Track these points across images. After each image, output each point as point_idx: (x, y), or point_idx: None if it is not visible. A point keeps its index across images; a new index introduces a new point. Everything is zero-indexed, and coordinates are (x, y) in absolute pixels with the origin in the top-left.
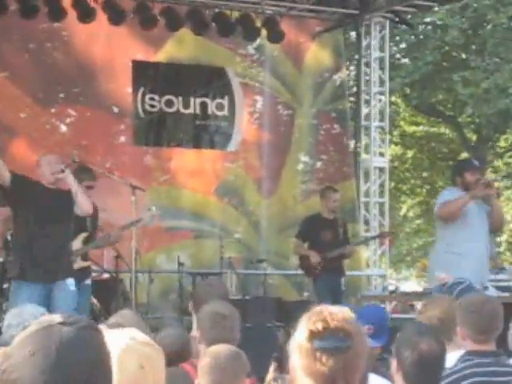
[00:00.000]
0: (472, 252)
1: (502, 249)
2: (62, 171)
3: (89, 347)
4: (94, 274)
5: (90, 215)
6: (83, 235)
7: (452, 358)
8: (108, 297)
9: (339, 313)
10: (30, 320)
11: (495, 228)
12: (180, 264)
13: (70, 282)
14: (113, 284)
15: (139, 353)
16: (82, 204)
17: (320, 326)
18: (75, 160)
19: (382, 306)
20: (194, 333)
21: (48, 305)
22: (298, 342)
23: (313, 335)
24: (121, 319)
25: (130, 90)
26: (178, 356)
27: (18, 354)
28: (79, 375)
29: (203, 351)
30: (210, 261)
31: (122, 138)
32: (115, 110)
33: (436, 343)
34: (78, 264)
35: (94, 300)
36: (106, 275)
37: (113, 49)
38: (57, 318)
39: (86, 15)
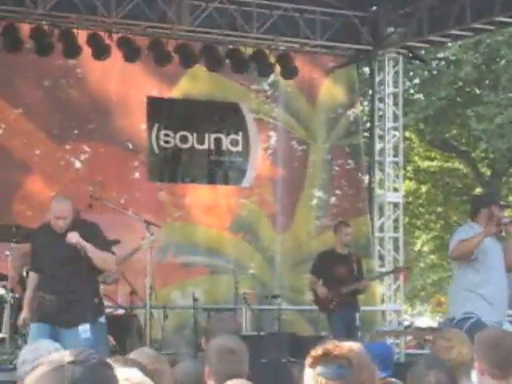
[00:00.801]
0: (494, 295)
1: None
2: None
3: None
4: (108, 310)
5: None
6: None
7: None
8: (123, 333)
9: (346, 344)
10: (45, 355)
11: (510, 267)
12: (194, 300)
13: (83, 329)
14: (127, 320)
15: None
16: (103, 264)
17: (321, 352)
18: (92, 196)
19: (396, 341)
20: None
21: None
22: (306, 369)
23: (315, 362)
24: (138, 356)
25: (144, 126)
26: None
27: None
28: None
29: None
30: (225, 296)
31: (137, 174)
32: (130, 146)
33: (445, 375)
34: None
35: (109, 336)
36: (120, 311)
37: (127, 85)
38: (67, 356)
39: (100, 52)
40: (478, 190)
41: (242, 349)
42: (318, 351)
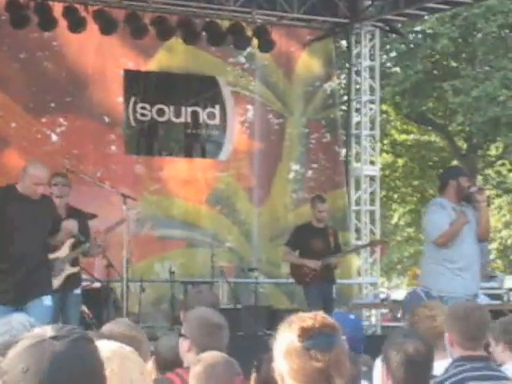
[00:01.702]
0: (466, 267)
1: (492, 257)
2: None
3: (82, 359)
4: (85, 283)
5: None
6: (71, 241)
7: (439, 366)
8: (99, 306)
9: (318, 315)
10: (19, 327)
11: (481, 237)
12: (171, 273)
13: (46, 298)
14: (104, 293)
15: (112, 358)
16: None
17: (308, 325)
18: (68, 169)
19: (372, 313)
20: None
21: None
22: (287, 346)
23: (303, 336)
24: (115, 326)
25: (121, 99)
26: (172, 364)
27: (12, 371)
28: None
29: (193, 359)
30: (202, 270)
31: (113, 148)
32: (106, 119)
33: (422, 344)
34: (67, 270)
35: (85, 309)
36: (97, 284)
37: (104, 58)
38: (49, 331)
39: (76, 25)
40: (455, 164)
41: (225, 324)
42: (303, 324)
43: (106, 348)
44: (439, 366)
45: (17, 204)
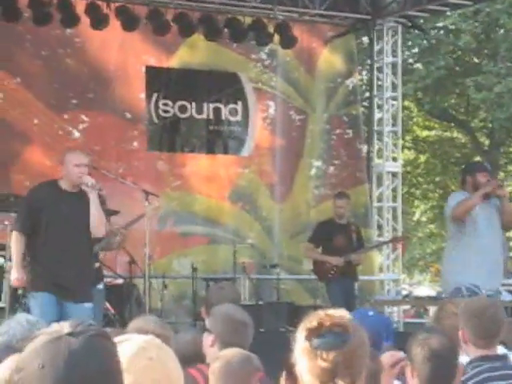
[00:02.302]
0: (486, 260)
1: None
2: (93, 187)
3: (98, 357)
4: (107, 280)
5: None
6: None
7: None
8: (122, 302)
9: (335, 312)
10: (17, 327)
11: (507, 224)
12: (193, 269)
13: (89, 306)
14: (126, 289)
15: (148, 348)
16: (98, 224)
17: (315, 324)
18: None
19: (394, 309)
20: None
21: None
22: (299, 345)
23: (310, 335)
24: (144, 323)
25: (143, 95)
26: (191, 359)
27: (29, 367)
28: None
29: (215, 354)
30: (224, 266)
31: (135, 144)
32: (128, 115)
33: (446, 339)
34: None
35: (108, 305)
36: (119, 280)
37: (126, 55)
38: (65, 327)
39: (99, 22)
40: (477, 160)
41: (251, 322)
42: (311, 323)
43: (139, 340)
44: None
45: (59, 198)
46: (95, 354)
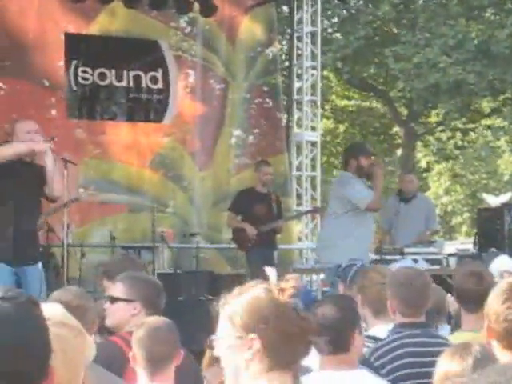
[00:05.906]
0: (364, 235)
1: None
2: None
3: (26, 322)
4: None
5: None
6: None
7: (383, 330)
8: None
9: (252, 283)
10: None
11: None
12: (112, 238)
13: (40, 265)
14: (44, 258)
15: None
16: (57, 185)
17: (235, 293)
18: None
19: (313, 278)
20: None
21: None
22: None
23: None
24: (64, 294)
25: (62, 62)
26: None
27: None
28: (16, 349)
29: (138, 322)
30: (143, 235)
31: (54, 112)
32: (46, 83)
33: (335, 309)
34: None
35: None
36: None
37: (44, 21)
38: None
39: None
40: (395, 130)
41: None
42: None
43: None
44: (384, 330)
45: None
46: (25, 318)
